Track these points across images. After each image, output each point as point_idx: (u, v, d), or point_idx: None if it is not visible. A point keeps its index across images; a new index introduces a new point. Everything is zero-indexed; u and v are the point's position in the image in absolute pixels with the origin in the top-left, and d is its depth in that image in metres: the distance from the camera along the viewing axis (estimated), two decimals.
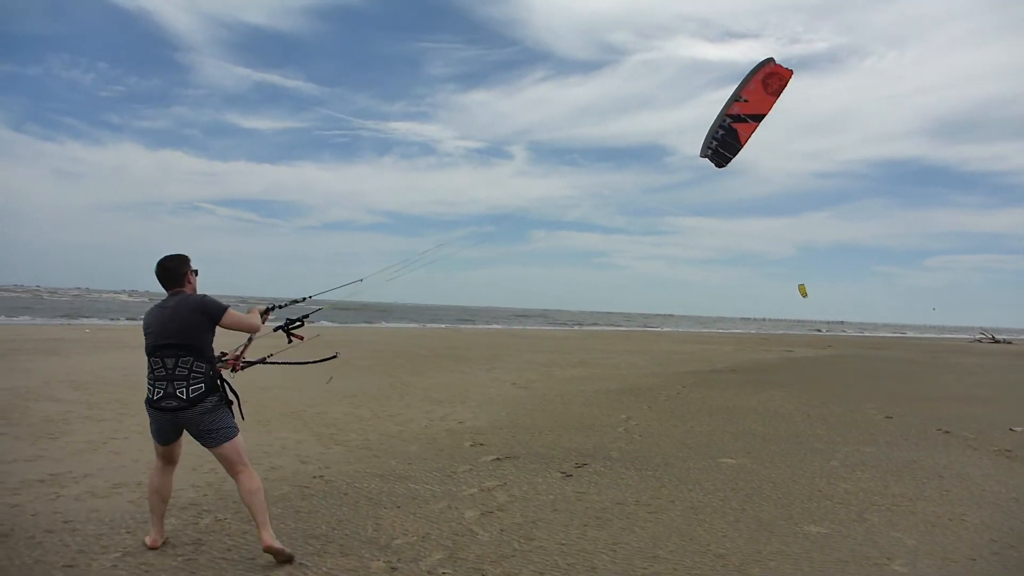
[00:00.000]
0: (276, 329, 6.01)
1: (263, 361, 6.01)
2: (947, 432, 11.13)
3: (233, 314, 5.09)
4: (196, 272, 5.35)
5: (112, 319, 48.01)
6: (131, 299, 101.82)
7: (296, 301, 6.46)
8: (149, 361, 4.97)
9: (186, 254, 5.30)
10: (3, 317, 41.83)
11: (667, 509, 6.39)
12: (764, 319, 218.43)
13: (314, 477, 7.04)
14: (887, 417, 12.55)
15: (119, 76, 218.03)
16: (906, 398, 15.70)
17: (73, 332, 29.01)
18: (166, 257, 5.19)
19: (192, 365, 4.91)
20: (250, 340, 5.73)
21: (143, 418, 9.69)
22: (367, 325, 53.69)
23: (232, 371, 5.54)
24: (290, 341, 6.05)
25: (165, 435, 5.24)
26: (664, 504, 6.53)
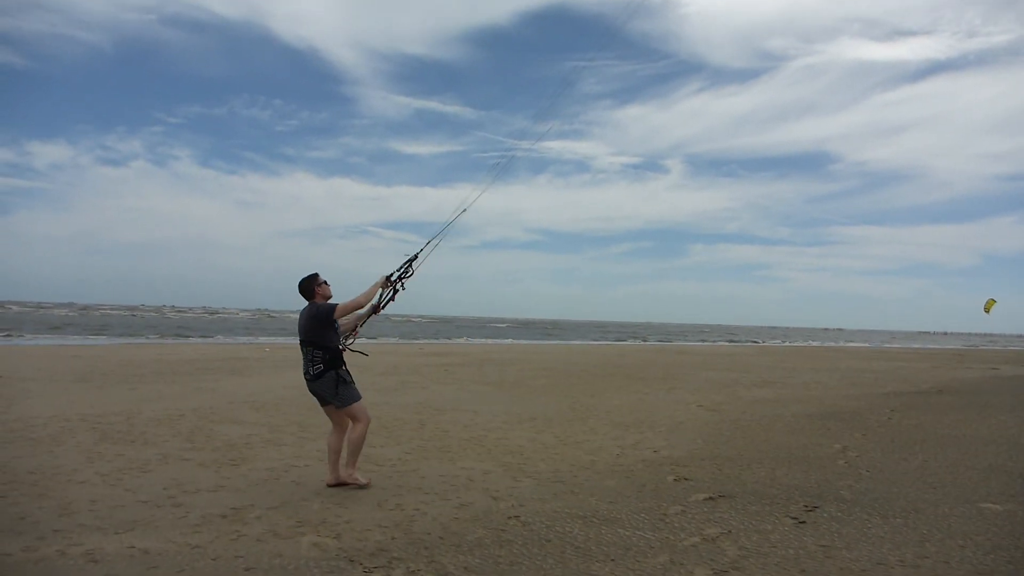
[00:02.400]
0: (388, 278, 7.62)
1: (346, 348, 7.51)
2: None
3: (340, 307, 7.16)
4: (327, 283, 7.39)
5: (290, 337, 50.23)
6: None
7: (410, 260, 7.81)
8: (301, 348, 7.25)
9: (316, 272, 7.37)
10: (194, 338, 44.54)
11: (944, 573, 5.16)
12: (945, 333, 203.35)
13: (509, 518, 6.25)
14: None
15: (293, 111, 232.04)
16: None
17: (254, 351, 30.17)
18: (302, 278, 7.35)
19: (313, 353, 7.15)
20: (367, 317, 7.64)
21: (322, 443, 9.41)
22: (532, 342, 53.52)
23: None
24: (396, 292, 7.73)
25: (318, 401, 7.47)
26: (937, 566, 5.29)
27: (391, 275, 7.60)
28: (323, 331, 7.14)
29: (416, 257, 7.78)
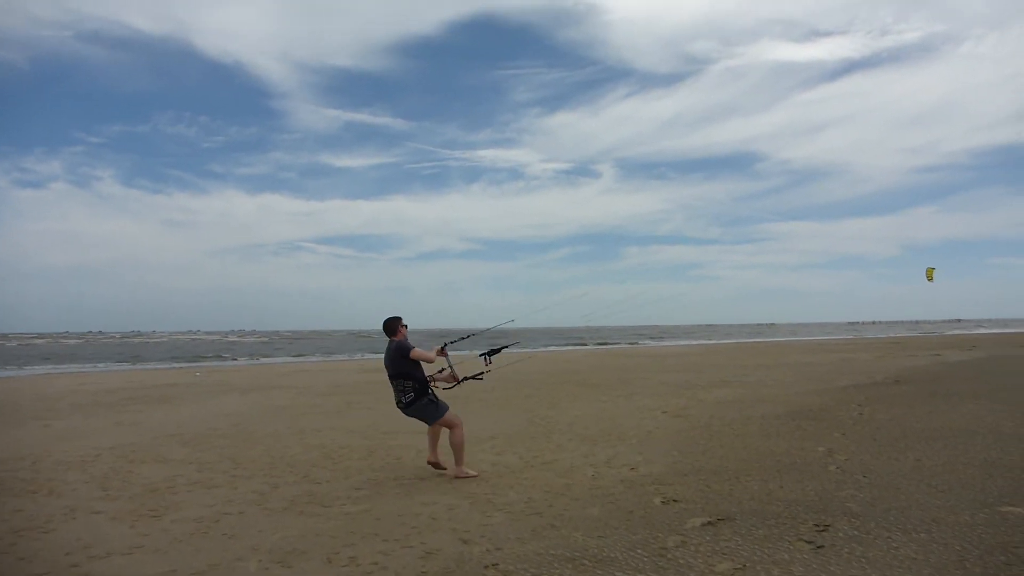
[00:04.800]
0: (481, 355, 9.43)
1: (461, 380, 8.94)
2: None
3: (416, 352, 8.35)
4: (406, 326, 8.64)
5: (223, 359, 48.28)
6: (240, 339, 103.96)
7: (463, 338, 9.52)
8: (391, 382, 8.54)
9: (400, 316, 8.62)
10: (121, 364, 42.32)
11: None
12: (873, 322, 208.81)
13: (486, 567, 5.27)
14: None
15: (220, 127, 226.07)
16: None
17: (185, 376, 28.50)
18: (387, 318, 8.60)
19: (404, 384, 8.38)
20: (443, 370, 8.85)
21: (259, 482, 8.33)
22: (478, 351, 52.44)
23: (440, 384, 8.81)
24: (488, 364, 9.38)
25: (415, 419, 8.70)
26: None
27: (444, 344, 8.78)
28: (407, 365, 8.37)
29: (502, 348, 9.99)
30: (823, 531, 5.90)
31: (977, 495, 6.95)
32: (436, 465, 8.77)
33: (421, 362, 8.45)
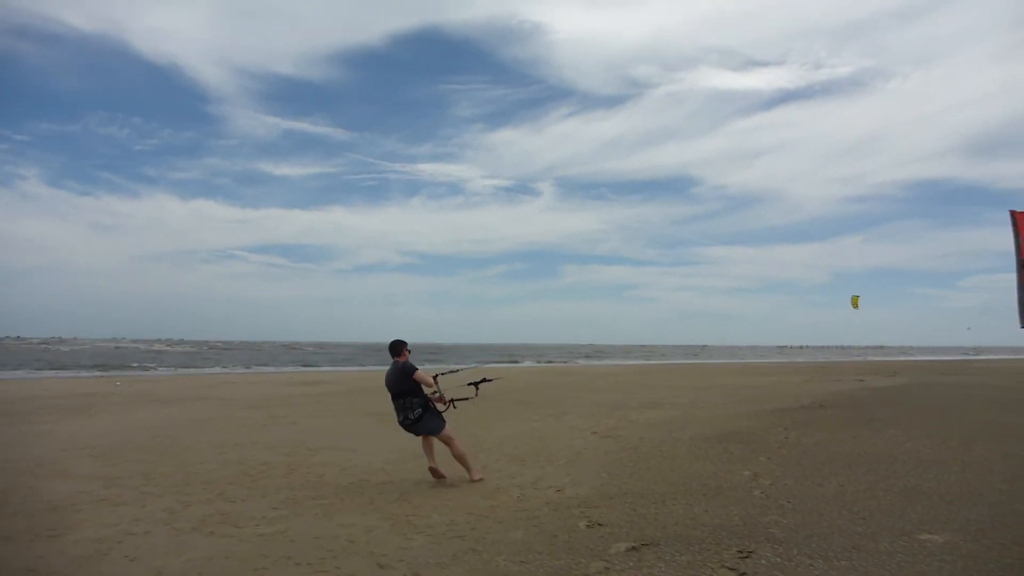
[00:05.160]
0: (470, 384, 10.34)
1: (452, 402, 9.64)
2: None
3: (418, 374, 9.04)
4: (410, 350, 9.37)
5: (147, 368, 46.80)
6: (168, 348, 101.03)
7: (454, 371, 10.53)
8: (392, 402, 9.24)
9: (405, 340, 9.32)
10: (40, 370, 40.66)
11: None
12: (802, 347, 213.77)
13: None
14: None
15: (153, 130, 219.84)
16: None
17: (104, 386, 27.49)
18: (393, 340, 9.32)
19: (411, 401, 9.06)
20: (435, 393, 9.28)
21: (171, 499, 7.97)
22: None
23: (436, 404, 9.35)
24: (476, 393, 10.43)
25: (416, 434, 9.36)
26: None
27: (437, 375, 9.49)
28: (411, 384, 9.07)
29: (491, 379, 11.23)
30: (746, 558, 5.86)
31: (897, 522, 7.02)
32: (436, 472, 9.27)
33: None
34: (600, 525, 6.93)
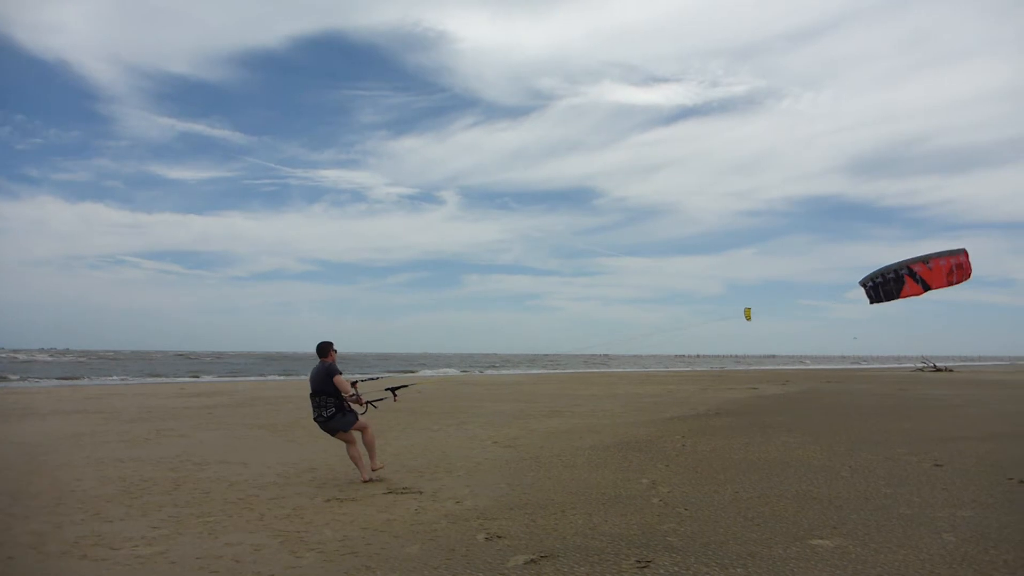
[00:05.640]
0: (387, 388, 10.81)
1: (371, 403, 10.21)
2: (1022, 482, 9.46)
3: (339, 379, 9.67)
4: (336, 351, 10.04)
5: (27, 379, 44.11)
6: (52, 358, 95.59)
7: (374, 378, 11.97)
8: (310, 399, 9.79)
9: (332, 341, 9.98)
10: None
11: None
12: (697, 355, 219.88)
13: None
14: (936, 465, 10.85)
15: (37, 128, 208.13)
16: (925, 439, 14.09)
17: None
18: (321, 342, 9.93)
19: (326, 400, 9.63)
20: (352, 396, 9.74)
21: (40, 521, 7.69)
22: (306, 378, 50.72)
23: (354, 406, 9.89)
24: (395, 399, 10.94)
25: (329, 433, 9.93)
26: None
27: (355, 382, 10.18)
28: (331, 385, 9.66)
29: (408, 385, 12.11)
30: (644, 567, 5.82)
31: (790, 527, 7.12)
32: (373, 480, 9.89)
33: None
34: (499, 537, 6.78)
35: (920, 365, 76.63)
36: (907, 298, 18.40)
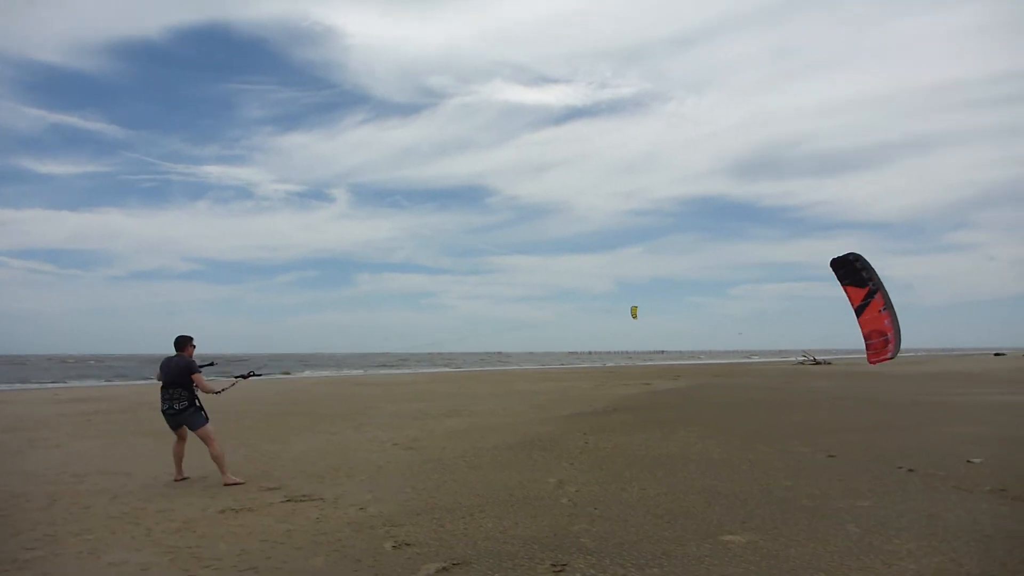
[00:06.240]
0: (236, 376, 11.34)
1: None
2: (911, 470, 9.85)
3: (198, 377, 9.77)
4: (195, 346, 10.08)
5: None
6: None
7: (211, 364, 10.82)
8: (161, 390, 9.75)
9: (191, 335, 10.08)
10: None
11: None
12: (589, 352, 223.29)
13: None
14: (830, 456, 11.20)
15: None
16: (815, 430, 14.59)
17: None
18: (180, 335, 9.96)
19: (180, 393, 9.67)
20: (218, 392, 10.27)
21: None
22: None
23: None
24: (234, 383, 11.25)
25: (173, 427, 9.88)
26: None
27: (242, 375, 11.26)
28: (187, 379, 9.70)
29: (255, 373, 11.94)
30: (560, 572, 5.66)
31: (700, 524, 7.12)
32: (184, 478, 9.97)
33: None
34: (407, 545, 6.49)
35: (801, 359, 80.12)
36: (840, 297, 19.90)
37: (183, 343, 9.95)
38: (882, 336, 19.49)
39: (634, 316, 36.53)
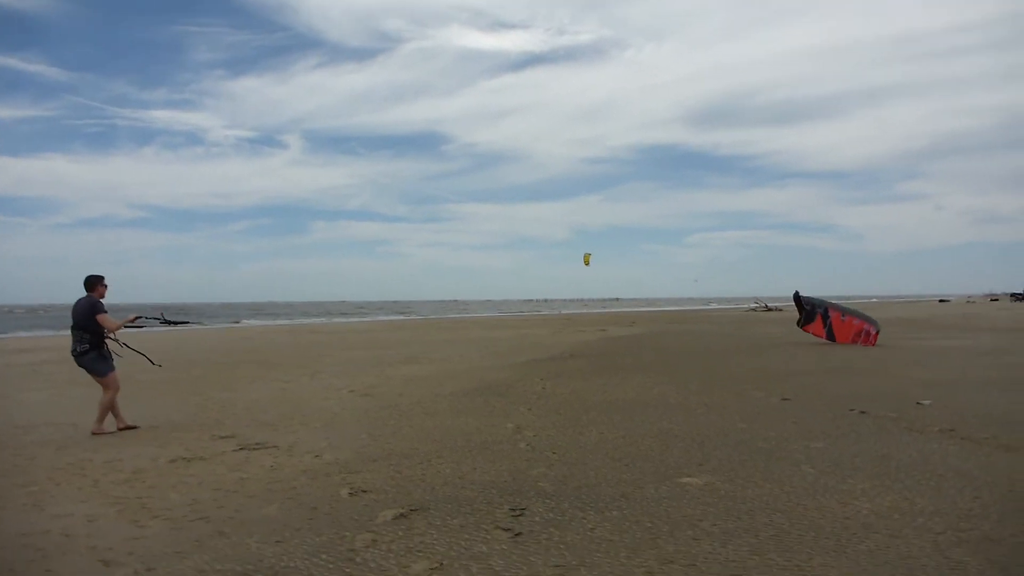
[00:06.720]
0: (148, 317, 10.98)
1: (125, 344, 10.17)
2: (864, 412, 10.01)
3: (103, 317, 9.43)
4: (107, 286, 9.69)
5: None
6: None
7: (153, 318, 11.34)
8: (71, 331, 9.55)
9: (102, 275, 9.71)
10: None
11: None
12: (545, 299, 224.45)
13: None
14: (784, 399, 11.35)
15: None
16: (768, 376, 14.80)
17: None
18: (89, 275, 9.63)
19: (82, 335, 9.43)
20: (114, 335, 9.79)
21: None
22: (143, 331, 47.79)
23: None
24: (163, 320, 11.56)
25: (84, 369, 9.61)
26: (688, 571, 4.42)
27: (136, 318, 10.28)
28: (92, 321, 9.39)
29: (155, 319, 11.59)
30: (519, 516, 5.60)
31: (658, 467, 7.13)
32: (126, 428, 9.71)
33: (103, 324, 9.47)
34: (364, 492, 6.39)
35: (753, 305, 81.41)
36: (806, 330, 21.12)
37: (92, 283, 9.60)
38: (861, 333, 20.59)
39: (586, 263, 36.64)
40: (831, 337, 21.99)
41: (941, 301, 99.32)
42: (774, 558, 4.59)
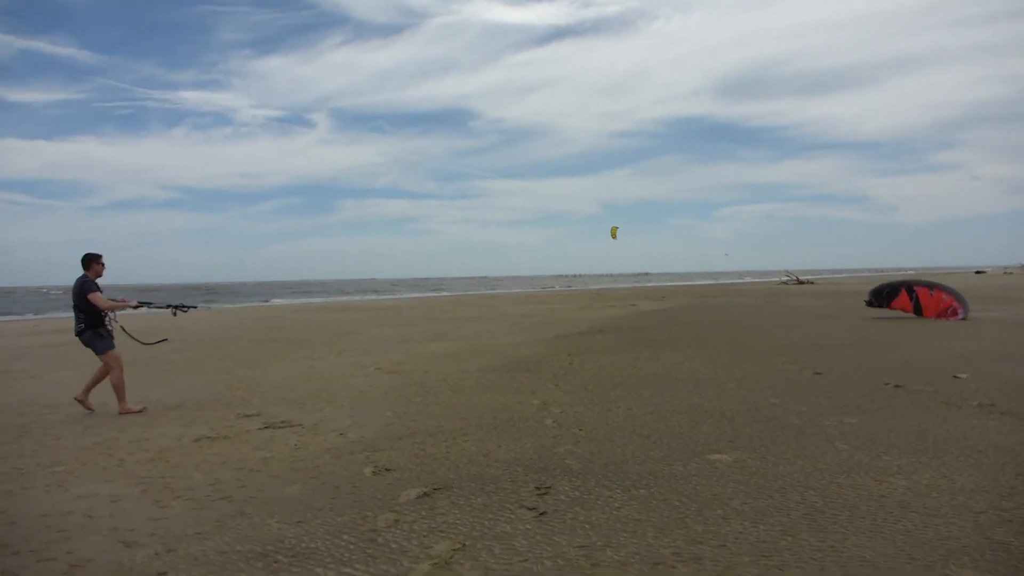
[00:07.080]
0: (169, 306, 10.77)
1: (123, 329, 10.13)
2: (899, 386, 9.76)
3: (93, 296, 9.39)
4: (103, 264, 9.69)
5: None
6: None
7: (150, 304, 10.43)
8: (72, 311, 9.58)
9: (100, 253, 9.68)
10: None
11: (727, 562, 4.16)
12: (576, 275, 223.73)
13: None
14: (816, 373, 11.11)
15: None
16: (797, 347, 14.56)
17: None
18: (87, 253, 9.55)
19: (79, 315, 9.45)
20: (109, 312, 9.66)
21: None
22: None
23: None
24: (175, 315, 10.90)
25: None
26: (716, 553, 4.28)
27: (141, 304, 10.00)
28: (83, 300, 9.39)
29: (186, 308, 11.14)
30: (544, 494, 5.49)
31: (687, 443, 6.98)
32: (83, 404, 9.67)
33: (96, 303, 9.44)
34: (388, 471, 6.31)
35: (784, 279, 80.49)
36: (894, 309, 20.54)
37: (88, 261, 9.55)
38: (948, 310, 20.10)
39: (613, 236, 36.36)
40: (918, 311, 21.39)
41: (977, 272, 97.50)
42: (807, 538, 4.44)
